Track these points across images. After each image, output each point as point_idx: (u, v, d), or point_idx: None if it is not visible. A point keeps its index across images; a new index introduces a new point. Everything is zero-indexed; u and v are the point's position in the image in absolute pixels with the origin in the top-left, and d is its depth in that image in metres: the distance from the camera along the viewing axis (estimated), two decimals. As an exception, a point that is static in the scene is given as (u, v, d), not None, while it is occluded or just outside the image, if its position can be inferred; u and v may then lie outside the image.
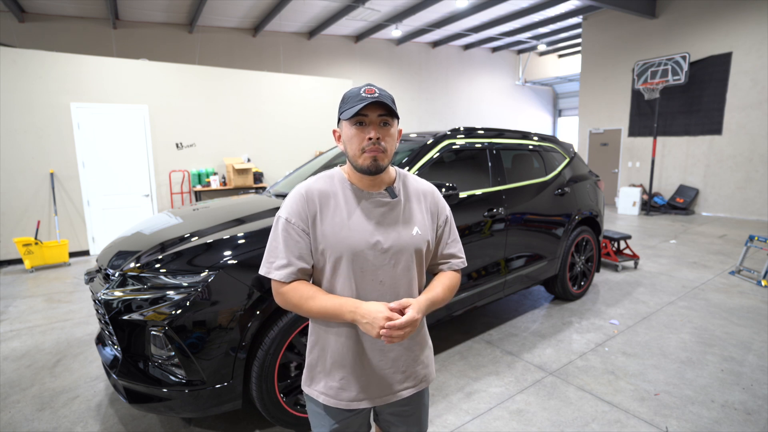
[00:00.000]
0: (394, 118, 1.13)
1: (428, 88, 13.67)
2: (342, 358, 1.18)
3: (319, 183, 1.18)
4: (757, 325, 3.45)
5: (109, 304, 2.02)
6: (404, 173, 1.27)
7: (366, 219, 1.14)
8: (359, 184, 1.17)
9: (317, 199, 1.14)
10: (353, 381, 1.18)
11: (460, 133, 3.13)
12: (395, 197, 1.19)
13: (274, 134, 7.85)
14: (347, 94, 1.12)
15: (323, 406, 1.22)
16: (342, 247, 1.11)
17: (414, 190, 1.24)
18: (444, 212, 1.29)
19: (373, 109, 1.08)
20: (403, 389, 1.23)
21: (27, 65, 5.73)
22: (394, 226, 1.16)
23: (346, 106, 1.10)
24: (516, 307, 3.99)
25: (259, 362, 2.02)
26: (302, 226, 1.12)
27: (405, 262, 1.16)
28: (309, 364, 1.24)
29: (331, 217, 1.13)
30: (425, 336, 1.30)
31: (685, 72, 8.38)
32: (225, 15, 9.48)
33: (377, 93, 1.08)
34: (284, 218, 1.14)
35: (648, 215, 9.07)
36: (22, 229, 5.82)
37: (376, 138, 1.09)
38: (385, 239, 1.14)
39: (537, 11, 10.31)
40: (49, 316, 3.92)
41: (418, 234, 1.19)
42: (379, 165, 1.11)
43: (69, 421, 2.37)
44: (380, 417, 1.32)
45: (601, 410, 2.39)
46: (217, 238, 2.15)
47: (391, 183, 1.21)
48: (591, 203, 4.09)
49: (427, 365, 1.29)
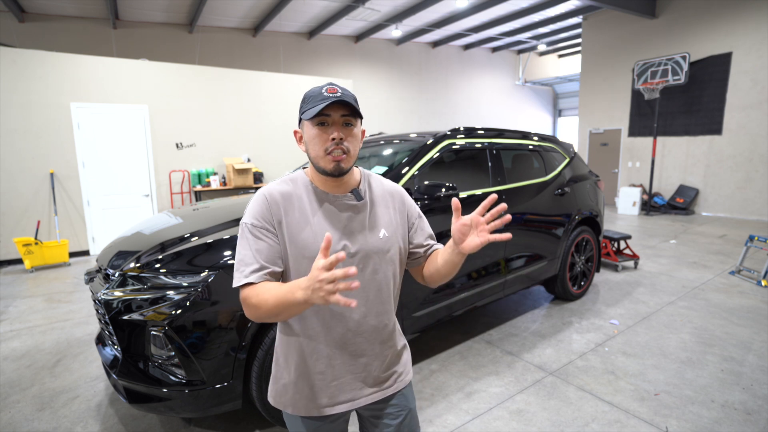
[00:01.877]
0: (357, 118, 1.09)
1: (428, 88, 13.66)
2: (309, 365, 1.13)
3: (281, 186, 1.13)
4: (757, 325, 3.45)
5: (109, 304, 2.02)
6: (369, 174, 1.23)
7: (331, 223, 1.10)
8: (323, 187, 1.13)
9: (281, 202, 1.09)
10: (322, 388, 1.14)
11: (460, 133, 3.13)
12: (361, 200, 1.15)
13: (274, 134, 7.85)
14: (308, 94, 1.08)
15: (297, 417, 1.18)
16: (307, 252, 1.07)
17: (380, 191, 1.21)
18: (414, 210, 1.26)
19: (335, 108, 1.04)
20: (376, 391, 1.19)
21: (27, 65, 5.73)
22: (360, 230, 1.12)
23: (308, 106, 1.06)
24: (516, 307, 3.99)
25: (259, 362, 2.03)
26: (268, 228, 1.07)
27: (373, 265, 1.13)
28: (273, 376, 1.20)
29: (296, 221, 1.08)
30: (397, 337, 1.25)
31: (685, 72, 8.38)
32: (225, 15, 9.48)
33: (339, 92, 1.04)
34: (249, 223, 1.08)
35: (648, 215, 9.07)
36: (22, 229, 5.83)
37: (339, 138, 1.05)
38: (351, 243, 1.10)
39: (537, 11, 10.31)
40: (49, 316, 3.92)
41: (385, 236, 1.15)
42: (341, 168, 1.07)
43: (69, 421, 2.37)
44: (365, 423, 1.26)
45: (601, 410, 2.39)
46: (217, 238, 2.15)
47: (356, 185, 1.17)
48: (591, 203, 4.09)
49: (401, 365, 1.25)
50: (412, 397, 1.29)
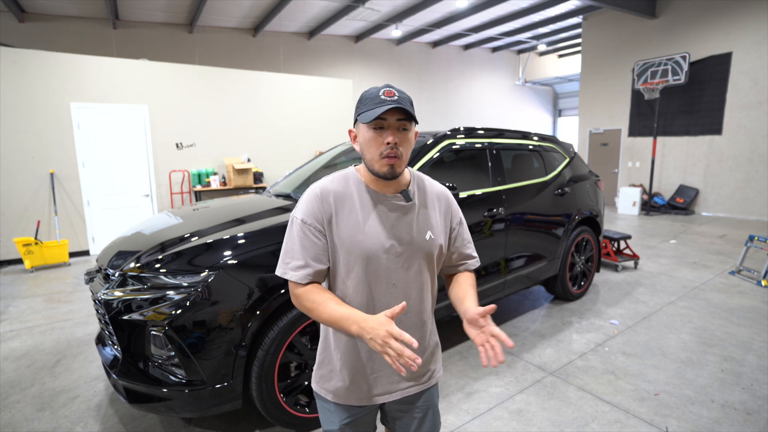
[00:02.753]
0: (412, 123, 1.10)
1: (428, 88, 13.67)
2: (351, 358, 1.18)
3: (334, 184, 1.16)
4: (757, 325, 3.45)
5: (109, 304, 2.02)
6: (419, 176, 1.26)
7: (381, 222, 1.13)
8: (374, 186, 1.16)
9: (332, 201, 1.12)
10: (362, 380, 1.19)
11: (460, 133, 3.13)
12: (410, 200, 1.17)
13: (274, 134, 7.85)
14: (365, 95, 1.10)
15: (333, 404, 1.23)
16: (357, 251, 1.11)
17: (429, 193, 1.24)
18: (457, 215, 1.29)
19: (392, 113, 1.05)
20: (410, 386, 1.24)
21: (27, 65, 5.73)
22: (408, 230, 1.15)
23: (364, 108, 1.08)
24: (516, 307, 3.99)
25: (259, 362, 2.02)
26: (318, 227, 1.11)
27: (418, 265, 1.17)
28: (319, 362, 1.25)
29: (346, 219, 1.12)
30: (432, 332, 1.30)
31: (685, 72, 8.38)
32: (225, 15, 9.48)
33: (396, 96, 1.06)
34: (300, 219, 1.12)
35: (648, 215, 9.07)
36: (22, 229, 5.82)
37: (395, 143, 1.06)
38: (399, 243, 1.14)
39: (537, 11, 10.31)
40: (49, 316, 3.92)
41: (431, 238, 1.18)
42: (395, 171, 1.09)
43: (69, 421, 2.37)
44: (389, 416, 1.31)
45: (601, 410, 2.39)
46: (217, 238, 2.15)
47: (406, 185, 1.19)
48: (591, 203, 4.09)
49: (434, 362, 1.30)
50: (437, 394, 1.35)
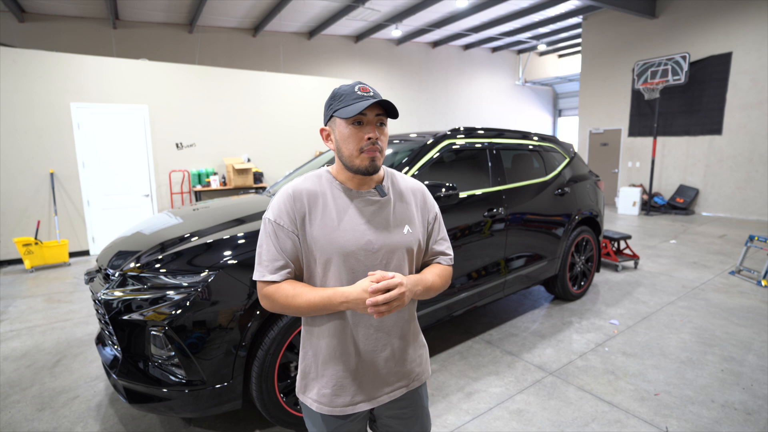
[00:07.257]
0: (387, 118, 1.12)
1: (428, 88, 13.66)
2: (333, 361, 1.15)
3: (306, 183, 1.15)
4: (757, 325, 3.45)
5: (109, 304, 2.02)
6: (392, 172, 1.26)
7: (356, 219, 1.12)
8: (348, 184, 1.15)
9: (306, 200, 1.11)
10: (346, 385, 1.16)
11: (460, 133, 3.13)
12: (385, 196, 1.17)
13: (275, 134, 7.85)
14: (339, 91, 1.10)
15: (319, 415, 1.19)
16: (333, 248, 1.09)
17: (403, 188, 1.23)
18: (433, 209, 1.28)
19: (371, 108, 1.07)
20: (396, 389, 1.21)
21: (27, 65, 5.73)
22: (384, 226, 1.14)
23: (342, 104, 1.07)
24: (516, 307, 3.99)
25: (259, 362, 2.02)
26: (291, 228, 1.10)
27: (396, 261, 1.15)
28: (302, 371, 1.22)
29: (320, 217, 1.11)
30: (416, 333, 1.27)
31: (685, 72, 8.38)
32: (225, 15, 9.48)
33: (372, 92, 1.08)
34: (272, 220, 1.11)
35: (648, 215, 9.07)
36: (22, 229, 5.82)
37: (375, 138, 1.07)
38: (376, 239, 1.12)
39: (537, 11, 10.30)
40: (49, 316, 3.92)
41: (409, 232, 1.17)
42: (376, 165, 1.10)
43: (69, 421, 2.37)
44: (378, 422, 1.29)
45: (601, 410, 2.39)
46: (217, 238, 2.15)
47: (380, 182, 1.19)
48: (591, 203, 4.09)
49: (420, 363, 1.27)
50: (425, 395, 1.32)
